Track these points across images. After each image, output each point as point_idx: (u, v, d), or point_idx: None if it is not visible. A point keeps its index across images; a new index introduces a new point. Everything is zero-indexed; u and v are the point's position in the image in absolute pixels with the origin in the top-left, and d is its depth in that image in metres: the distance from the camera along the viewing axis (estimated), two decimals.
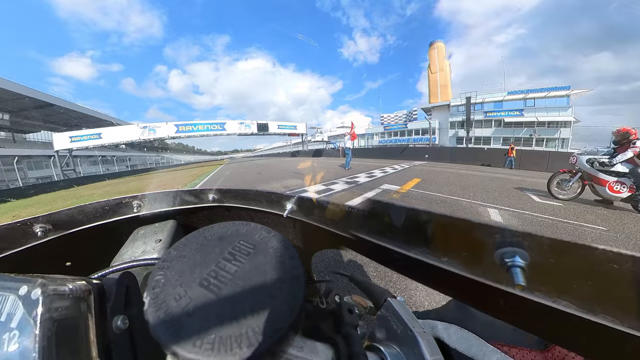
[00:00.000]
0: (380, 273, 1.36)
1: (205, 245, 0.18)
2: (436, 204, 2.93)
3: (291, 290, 0.14)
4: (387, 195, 3.50)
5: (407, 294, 1.17)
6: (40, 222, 0.33)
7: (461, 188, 3.92)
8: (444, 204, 2.90)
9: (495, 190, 3.77)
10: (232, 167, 14.14)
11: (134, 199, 0.44)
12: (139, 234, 0.41)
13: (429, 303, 1.10)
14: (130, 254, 0.36)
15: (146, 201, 0.45)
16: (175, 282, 0.14)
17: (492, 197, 3.29)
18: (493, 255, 0.17)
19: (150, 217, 0.45)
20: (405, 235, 0.22)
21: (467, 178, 5.16)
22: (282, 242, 0.18)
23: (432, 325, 0.30)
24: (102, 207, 0.41)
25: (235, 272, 0.15)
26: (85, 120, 24.04)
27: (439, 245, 0.20)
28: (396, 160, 11.91)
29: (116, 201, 0.42)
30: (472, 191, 3.68)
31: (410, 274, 0.24)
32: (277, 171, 8.27)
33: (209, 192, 0.46)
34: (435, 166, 8.39)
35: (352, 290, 1.24)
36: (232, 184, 5.75)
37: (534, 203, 2.99)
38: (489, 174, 6.04)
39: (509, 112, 21.32)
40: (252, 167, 11.63)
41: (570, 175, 3.17)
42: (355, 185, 4.29)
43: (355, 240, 0.27)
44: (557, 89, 19.67)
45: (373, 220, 0.25)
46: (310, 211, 0.33)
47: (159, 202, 0.46)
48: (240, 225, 0.20)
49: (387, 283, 1.28)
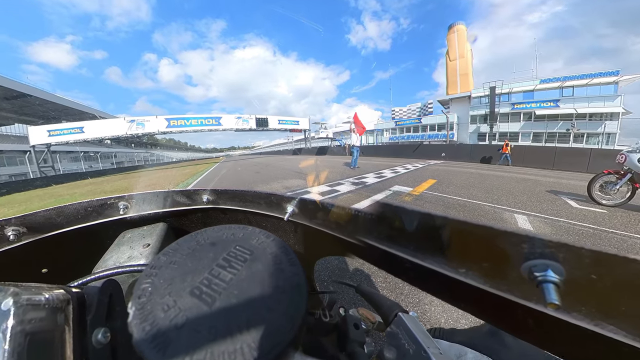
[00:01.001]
0: (390, 284, 1.35)
1: (198, 251, 0.18)
2: (454, 208, 2.87)
3: (291, 302, 0.14)
4: (398, 198, 3.47)
5: (420, 309, 1.15)
6: (13, 224, 0.33)
7: (483, 191, 3.85)
8: (462, 209, 2.84)
9: (523, 194, 3.66)
10: (228, 165, 14.34)
11: (119, 199, 0.45)
12: (125, 238, 0.42)
13: (445, 320, 1.08)
14: (114, 259, 0.36)
15: (133, 202, 0.46)
16: (163, 291, 0.14)
17: (519, 201, 3.20)
18: (520, 268, 0.16)
19: (138, 219, 0.46)
20: (418, 242, 0.22)
21: (490, 179, 5.04)
22: (282, 248, 0.18)
23: (459, 352, 0.29)
24: (84, 209, 0.41)
25: (231, 281, 0.15)
26: (65, 112, 23.87)
27: (456, 255, 0.20)
28: (409, 159, 11.84)
29: (100, 202, 0.43)
30: (496, 194, 3.59)
31: (424, 286, 0.23)
32: (277, 170, 8.33)
33: (203, 193, 0.46)
34: (453, 166, 8.25)
35: (359, 303, 1.24)
36: (228, 184, 5.85)
37: (571, 209, 2.87)
38: (516, 175, 5.88)
39: (542, 104, 19.94)
40: (250, 166, 11.78)
41: (617, 177, 2.97)
42: (362, 187, 4.28)
43: (363, 247, 0.27)
44: (602, 75, 17.76)
45: (382, 225, 0.25)
46: (313, 214, 0.33)
47: (148, 203, 0.47)
48: (236, 229, 0.20)
49: (397, 296, 1.26)
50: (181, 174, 10.13)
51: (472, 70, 28.31)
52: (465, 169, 7.26)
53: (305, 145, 28.10)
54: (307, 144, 27.52)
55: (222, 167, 13.28)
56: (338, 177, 5.63)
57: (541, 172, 6.92)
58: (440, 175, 5.57)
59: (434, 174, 5.94)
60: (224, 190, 0.45)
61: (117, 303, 0.18)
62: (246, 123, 22.48)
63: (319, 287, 0.44)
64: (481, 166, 8.37)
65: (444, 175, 5.57)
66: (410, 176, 5.55)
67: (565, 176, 6.06)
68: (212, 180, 7.02)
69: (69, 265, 0.39)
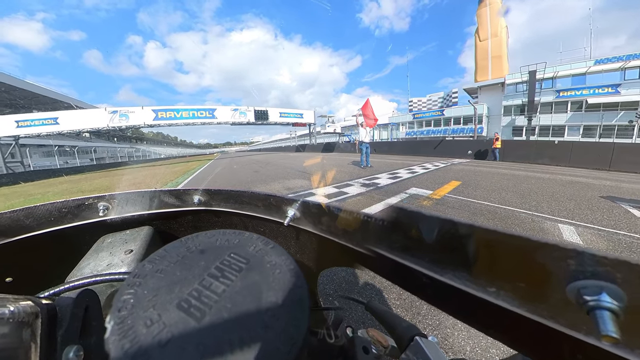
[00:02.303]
0: (405, 302, 1.34)
1: (188, 258, 0.18)
2: (482, 215, 2.81)
3: (292, 318, 0.14)
4: (415, 202, 3.43)
5: (441, 333, 1.13)
6: None
7: (518, 195, 3.74)
8: (492, 216, 2.78)
9: (570, 200, 3.52)
10: (223, 163, 14.62)
11: (99, 199, 0.45)
12: (104, 243, 0.43)
13: (471, 348, 1.05)
14: (92, 267, 0.37)
15: (115, 203, 0.46)
16: (147, 303, 0.14)
17: (565, 208, 3.08)
18: (565, 290, 0.15)
19: (120, 222, 0.47)
20: (439, 254, 0.22)
21: (528, 182, 4.90)
22: (282, 257, 0.18)
23: None
24: (57, 210, 0.41)
25: (223, 293, 0.15)
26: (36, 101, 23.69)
27: (484, 271, 0.19)
28: (428, 157, 11.72)
29: (77, 202, 0.43)
30: (535, 200, 3.48)
31: (446, 307, 0.23)
32: (278, 169, 8.42)
33: (194, 194, 0.47)
34: (482, 165, 8.10)
35: (369, 323, 1.23)
36: (223, 184, 5.94)
37: (634, 220, 2.68)
38: (561, 177, 5.65)
39: (596, 90, 18.16)
40: (248, 164, 11.95)
41: None
42: (374, 189, 4.27)
43: (374, 258, 0.27)
44: None
45: (397, 233, 0.25)
46: (317, 219, 0.33)
47: (131, 204, 0.47)
48: (231, 235, 0.20)
49: (414, 316, 1.24)
50: (170, 172, 10.37)
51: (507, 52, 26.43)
52: (496, 169, 7.08)
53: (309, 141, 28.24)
54: (312, 139, 27.66)
55: (217, 164, 13.52)
56: (346, 177, 5.62)
57: (594, 174, 6.57)
58: (465, 177, 5.46)
59: (458, 174, 5.83)
60: (218, 190, 0.45)
61: (94, 317, 0.18)
62: (244, 116, 22.80)
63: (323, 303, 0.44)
64: (514, 166, 8.13)
65: (470, 177, 5.46)
66: (429, 177, 5.48)
67: (626, 179, 5.70)
68: (205, 180, 7.14)
69: (38, 274, 0.40)
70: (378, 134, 32.84)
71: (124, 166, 24.41)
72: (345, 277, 1.58)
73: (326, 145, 22.52)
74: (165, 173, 10.26)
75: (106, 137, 45.35)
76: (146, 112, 19.12)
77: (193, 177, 8.11)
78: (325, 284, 1.52)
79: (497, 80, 23.97)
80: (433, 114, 28.49)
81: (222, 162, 15.65)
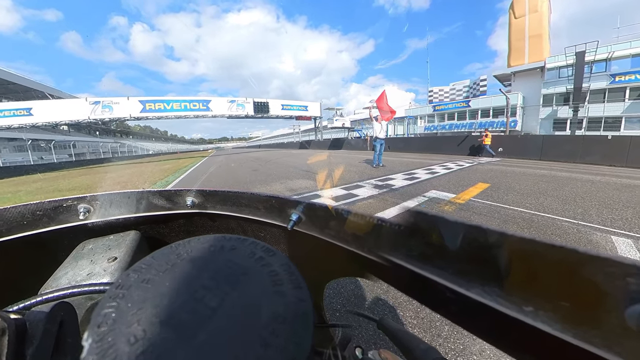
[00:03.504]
0: (424, 321, 1.32)
1: (178, 267, 0.18)
2: (515, 223, 2.75)
3: (294, 335, 0.14)
4: (436, 206, 3.41)
5: (465, 359, 1.10)
6: None
7: (560, 200, 3.63)
8: (528, 225, 2.71)
9: (628, 207, 3.35)
10: (219, 160, 14.87)
11: (79, 201, 0.46)
12: (84, 250, 0.43)
13: None
14: (69, 277, 0.37)
15: (97, 205, 0.47)
16: (131, 317, 0.14)
17: (621, 217, 2.94)
18: (624, 314, 0.15)
19: (103, 226, 0.48)
20: (465, 265, 0.22)
21: (572, 185, 4.75)
22: (284, 266, 0.18)
23: None
24: (31, 212, 0.42)
25: (218, 306, 0.15)
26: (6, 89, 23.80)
27: (519, 286, 0.19)
28: (451, 155, 11.61)
29: (53, 204, 0.44)
30: (581, 206, 3.36)
31: (472, 327, 0.22)
32: (279, 168, 8.51)
33: (187, 195, 0.47)
34: (515, 165, 7.91)
35: (381, 344, 1.22)
36: (219, 185, 6.04)
37: None
38: (615, 179, 5.40)
39: None
40: (247, 162, 12.09)
41: None
42: (388, 191, 4.27)
43: (388, 268, 0.26)
44: None
45: (415, 239, 0.24)
46: (324, 224, 0.33)
47: (116, 206, 0.48)
48: (227, 241, 0.20)
49: (434, 338, 1.22)
50: (159, 171, 10.59)
51: (548, 30, 24.55)
52: (533, 169, 6.91)
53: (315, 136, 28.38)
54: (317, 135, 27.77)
55: (212, 162, 13.74)
56: (356, 177, 5.63)
57: None
58: (495, 178, 5.37)
59: (486, 175, 5.74)
60: (213, 191, 0.46)
61: (69, 333, 0.18)
62: (241, 108, 23.11)
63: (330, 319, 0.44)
64: (555, 165, 7.88)
65: (500, 178, 5.37)
66: (452, 178, 5.42)
67: None
68: (199, 179, 7.25)
69: (7, 285, 0.40)
70: (393, 128, 32.66)
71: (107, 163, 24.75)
72: (354, 290, 1.57)
73: (334, 142, 22.58)
74: (154, 171, 10.49)
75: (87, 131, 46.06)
76: (132, 103, 19.24)
77: (185, 175, 8.27)
78: (332, 297, 1.51)
79: (535, 65, 22.79)
80: (457, 106, 27.98)
81: (217, 159, 15.91)
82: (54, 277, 0.38)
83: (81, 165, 21.61)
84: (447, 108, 28.95)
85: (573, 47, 18.76)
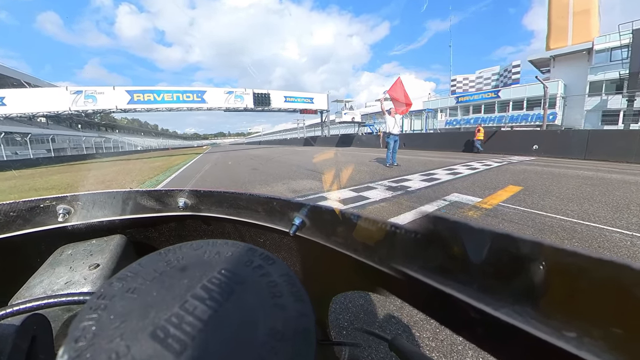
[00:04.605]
0: (444, 343, 1.30)
1: (167, 275, 0.18)
2: (553, 233, 2.69)
3: (294, 354, 0.14)
4: (458, 212, 3.37)
5: None
6: None
7: (610, 208, 3.51)
8: (569, 235, 2.64)
9: None
10: (214, 158, 15.04)
11: (58, 201, 0.46)
12: (63, 256, 0.44)
13: None
14: (45, 286, 0.37)
15: (78, 206, 0.48)
16: (113, 331, 0.14)
17: None
18: None
19: (85, 229, 0.48)
20: (492, 280, 0.21)
21: (625, 189, 4.58)
22: (284, 276, 0.18)
23: None
24: (3, 213, 0.43)
25: (210, 319, 0.15)
26: None
27: (559, 308, 0.18)
28: (476, 153, 11.52)
29: (29, 204, 0.44)
30: (637, 215, 3.24)
31: (502, 354, 0.22)
32: (281, 167, 8.59)
33: (179, 195, 0.48)
34: (553, 164, 7.75)
35: None
36: (214, 185, 6.11)
37: None
38: None
39: None
40: (246, 160, 12.25)
41: None
42: (403, 193, 4.26)
43: (403, 281, 0.26)
44: None
45: (434, 249, 0.24)
46: (331, 229, 0.33)
47: (99, 207, 0.49)
48: (222, 247, 0.21)
49: None
50: (149, 169, 10.75)
51: (597, 5, 22.90)
52: (575, 169, 6.73)
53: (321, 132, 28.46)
54: (324, 130, 27.83)
55: (207, 160, 13.94)
56: (367, 178, 5.64)
57: None
58: (528, 180, 5.28)
59: (518, 177, 5.65)
60: (208, 192, 0.46)
61: (42, 349, 0.18)
62: (240, 100, 23.36)
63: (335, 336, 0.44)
64: (602, 165, 7.64)
65: (534, 180, 5.27)
66: (477, 180, 5.37)
67: None
68: (192, 179, 7.37)
69: None
70: (409, 123, 32.41)
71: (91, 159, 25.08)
72: (364, 305, 1.56)
73: (342, 138, 22.57)
74: (143, 169, 10.70)
75: (68, 124, 46.59)
76: (119, 94, 19.32)
77: (177, 174, 8.41)
78: (338, 313, 1.51)
79: (580, 46, 21.68)
80: (484, 96, 27.54)
81: (212, 156, 16.11)
82: (27, 286, 0.38)
83: (61, 161, 22.00)
84: (472, 99, 28.60)
85: (629, 24, 17.57)
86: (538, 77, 14.94)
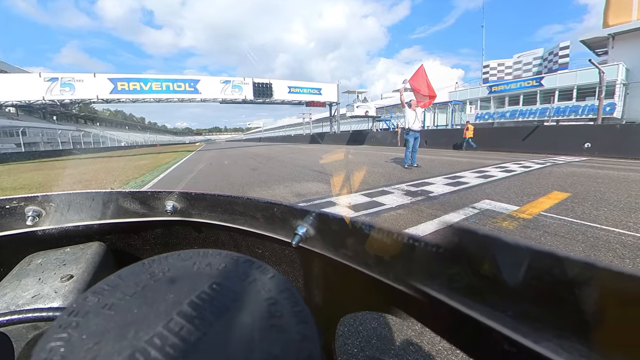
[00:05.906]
0: None
1: (151, 289, 0.18)
2: (610, 250, 2.61)
3: None
4: (489, 222, 3.34)
5: None
6: None
7: None
8: (631, 254, 2.55)
9: None
10: (208, 156, 15.28)
11: (28, 202, 0.47)
12: (31, 265, 0.44)
13: None
14: (8, 300, 0.38)
15: (51, 207, 0.48)
16: (85, 354, 0.14)
17: None
18: None
19: (57, 235, 0.49)
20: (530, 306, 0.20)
21: None
22: (285, 292, 0.19)
23: None
24: None
25: (198, 341, 0.15)
26: None
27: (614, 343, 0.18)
28: (512, 153, 11.42)
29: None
30: None
31: None
32: (284, 167, 8.68)
33: (167, 198, 0.48)
34: (609, 166, 7.56)
35: None
36: (207, 187, 6.20)
37: None
38: None
39: None
40: (244, 158, 12.41)
41: None
42: (424, 199, 4.25)
43: (422, 303, 0.26)
44: None
45: (459, 267, 0.24)
46: (339, 240, 0.33)
47: (75, 209, 0.49)
48: (214, 257, 0.21)
49: None
50: (133, 168, 10.94)
51: None
52: (635, 172, 6.53)
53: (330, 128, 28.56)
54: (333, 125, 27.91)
55: (200, 158, 14.16)
56: (382, 181, 5.66)
57: None
58: (578, 185, 5.18)
59: (565, 181, 5.55)
60: (200, 194, 0.47)
61: None
62: (238, 91, 23.65)
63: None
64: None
65: (586, 185, 5.15)
66: (514, 184, 5.31)
67: None
68: (183, 180, 7.48)
69: None
70: (432, 117, 32.12)
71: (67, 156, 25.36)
72: (377, 329, 1.55)
73: (354, 135, 22.63)
74: (127, 168, 10.90)
75: (41, 115, 47.16)
76: (100, 82, 19.35)
77: (166, 174, 8.55)
78: (347, 337, 1.50)
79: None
80: (523, 85, 26.81)
81: (206, 154, 16.35)
82: None
83: (33, 157, 22.24)
84: (509, 89, 27.92)
85: None
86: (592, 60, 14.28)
